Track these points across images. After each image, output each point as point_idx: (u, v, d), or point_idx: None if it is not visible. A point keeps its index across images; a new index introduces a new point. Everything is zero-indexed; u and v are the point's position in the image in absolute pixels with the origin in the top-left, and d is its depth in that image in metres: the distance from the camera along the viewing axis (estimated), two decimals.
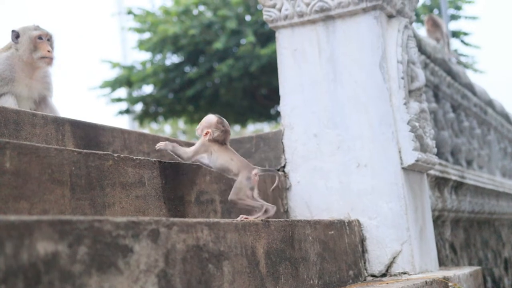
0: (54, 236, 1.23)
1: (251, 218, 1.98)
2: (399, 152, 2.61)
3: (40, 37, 2.73)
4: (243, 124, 14.32)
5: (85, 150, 1.87)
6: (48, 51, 2.72)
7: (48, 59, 2.73)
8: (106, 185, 1.90)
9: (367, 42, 2.70)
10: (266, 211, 2.04)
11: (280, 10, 2.86)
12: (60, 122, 2.35)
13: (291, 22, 2.85)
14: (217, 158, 2.10)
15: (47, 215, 1.64)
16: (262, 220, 1.98)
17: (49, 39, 2.77)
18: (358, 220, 2.63)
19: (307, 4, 2.79)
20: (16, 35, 2.71)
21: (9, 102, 2.58)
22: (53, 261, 1.21)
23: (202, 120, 2.17)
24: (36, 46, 2.71)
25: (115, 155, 1.96)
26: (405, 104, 2.64)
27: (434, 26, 5.14)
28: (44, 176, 1.70)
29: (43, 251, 1.20)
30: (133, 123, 15.70)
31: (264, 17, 2.92)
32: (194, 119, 13.80)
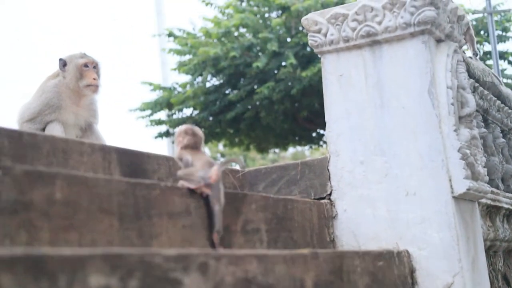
0: (106, 269, 1.22)
1: (185, 184, 2.02)
2: (450, 180, 2.54)
3: (86, 65, 2.76)
4: (284, 147, 14.29)
5: (133, 180, 1.86)
6: (94, 79, 2.75)
7: (94, 87, 2.76)
8: (153, 215, 1.89)
9: (415, 67, 2.65)
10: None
11: (325, 35, 2.83)
12: (107, 150, 2.35)
13: (337, 47, 2.82)
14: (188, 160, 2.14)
15: (98, 247, 1.63)
16: (310, 252, 1.94)
17: (95, 66, 2.80)
18: (407, 251, 2.55)
19: (353, 29, 2.76)
20: (63, 63, 2.75)
21: (56, 130, 2.61)
22: None
23: None
24: (82, 74, 2.74)
25: (162, 184, 1.95)
26: (455, 131, 2.57)
27: None
28: (93, 206, 1.69)
29: (95, 284, 1.19)
30: (173, 146, 15.82)
31: (309, 42, 2.90)
32: (234, 142, 13.82)
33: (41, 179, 1.57)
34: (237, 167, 2.24)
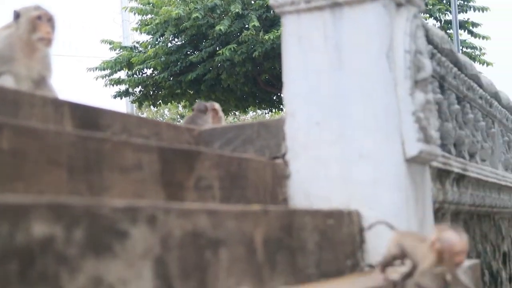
0: (50, 218, 1.20)
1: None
2: (402, 143, 2.58)
3: (39, 18, 2.68)
4: (244, 110, 14.27)
5: (83, 133, 1.84)
6: (47, 32, 2.68)
7: (47, 41, 2.69)
8: (104, 168, 1.87)
9: (374, 31, 2.65)
10: None
11: None
12: (59, 103, 2.31)
13: (298, 8, 2.80)
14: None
15: (44, 196, 1.61)
16: (261, 208, 1.95)
17: (49, 19, 2.72)
18: (357, 210, 2.60)
19: None
20: (17, 15, 2.67)
21: (8, 82, 2.54)
22: (48, 244, 1.19)
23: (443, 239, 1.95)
24: (35, 26, 2.67)
25: (114, 138, 1.93)
26: (410, 94, 2.60)
27: None
28: (42, 158, 1.67)
29: (38, 233, 1.17)
30: (132, 106, 15.62)
31: (270, 2, 2.88)
32: (194, 104, 13.72)
33: None
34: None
